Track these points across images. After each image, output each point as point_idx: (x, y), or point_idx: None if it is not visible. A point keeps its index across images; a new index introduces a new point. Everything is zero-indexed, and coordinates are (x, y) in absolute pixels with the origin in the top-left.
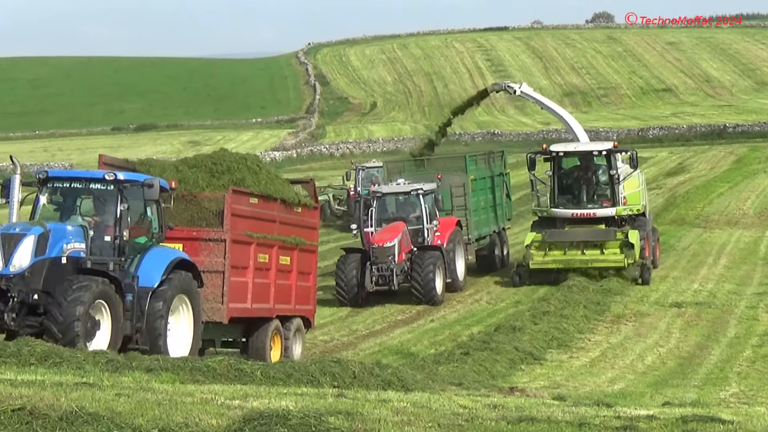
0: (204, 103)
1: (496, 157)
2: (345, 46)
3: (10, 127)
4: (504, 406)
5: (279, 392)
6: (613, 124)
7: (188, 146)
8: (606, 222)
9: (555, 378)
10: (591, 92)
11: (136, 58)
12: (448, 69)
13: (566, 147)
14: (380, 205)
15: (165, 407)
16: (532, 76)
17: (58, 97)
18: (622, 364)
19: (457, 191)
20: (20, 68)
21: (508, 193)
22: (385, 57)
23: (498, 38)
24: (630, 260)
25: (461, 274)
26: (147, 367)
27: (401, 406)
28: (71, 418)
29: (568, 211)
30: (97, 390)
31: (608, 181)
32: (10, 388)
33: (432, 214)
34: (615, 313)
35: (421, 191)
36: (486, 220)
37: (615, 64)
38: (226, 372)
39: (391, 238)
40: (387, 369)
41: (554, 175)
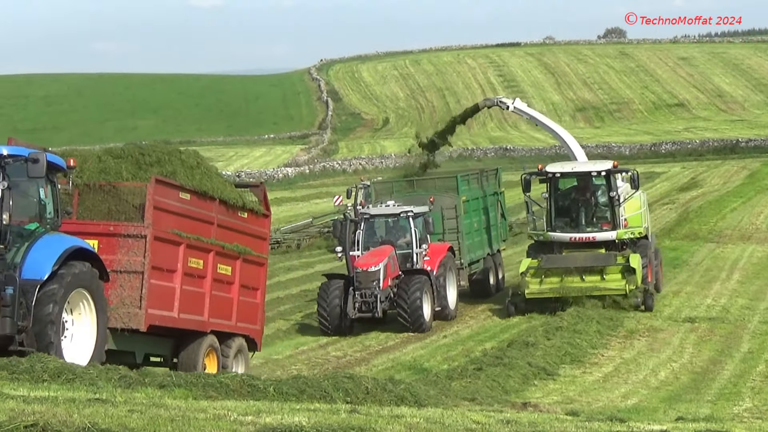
0: (216, 120)
1: (490, 175)
2: (357, 62)
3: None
4: (517, 422)
5: (292, 408)
6: (625, 139)
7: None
8: (606, 246)
9: (568, 393)
10: (603, 107)
11: (148, 75)
12: (461, 85)
13: (563, 167)
14: (368, 228)
15: (178, 423)
16: (544, 92)
17: (70, 113)
18: (635, 379)
19: (448, 213)
20: (33, 85)
21: (504, 213)
22: (397, 73)
23: (510, 54)
24: (632, 286)
25: (452, 302)
26: (160, 383)
27: (414, 422)
28: None
29: (566, 234)
30: (110, 406)
31: (608, 202)
32: (23, 404)
33: (422, 238)
34: (628, 328)
35: (411, 214)
36: (479, 243)
37: (627, 79)
38: (239, 388)
39: (377, 262)
40: (400, 384)
41: (551, 197)
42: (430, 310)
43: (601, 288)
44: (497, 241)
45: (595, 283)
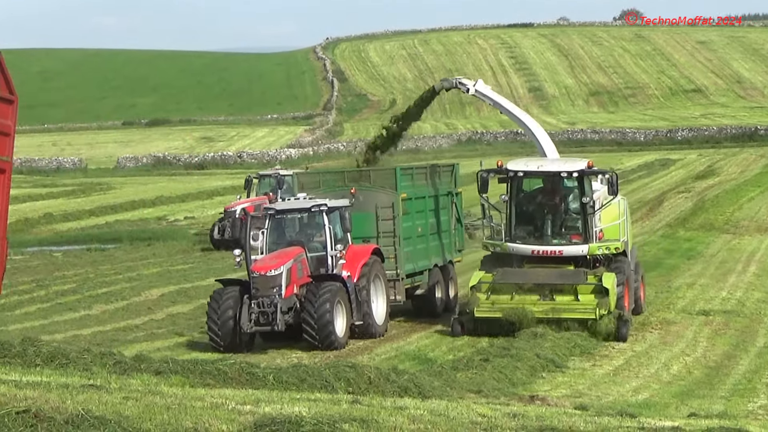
0: (218, 99)
1: (444, 172)
2: (364, 41)
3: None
4: (524, 415)
5: (292, 397)
6: (640, 125)
7: (201, 142)
8: (575, 262)
9: (577, 387)
10: (618, 92)
11: (148, 51)
12: (471, 66)
13: (527, 166)
14: (274, 227)
15: (174, 411)
16: (557, 75)
17: (67, 90)
18: (646, 373)
19: (384, 213)
20: (28, 60)
21: (460, 218)
22: (405, 53)
23: (522, 35)
24: (603, 310)
25: (380, 316)
26: (156, 369)
27: (418, 414)
28: (77, 422)
29: (528, 247)
30: (104, 393)
31: (580, 210)
32: (14, 389)
33: (339, 237)
34: (640, 320)
35: (324, 208)
36: (424, 251)
37: (643, 63)
38: (238, 376)
39: (278, 265)
40: (404, 375)
41: (511, 200)
42: (344, 324)
43: (566, 311)
44: (450, 251)
45: (557, 304)
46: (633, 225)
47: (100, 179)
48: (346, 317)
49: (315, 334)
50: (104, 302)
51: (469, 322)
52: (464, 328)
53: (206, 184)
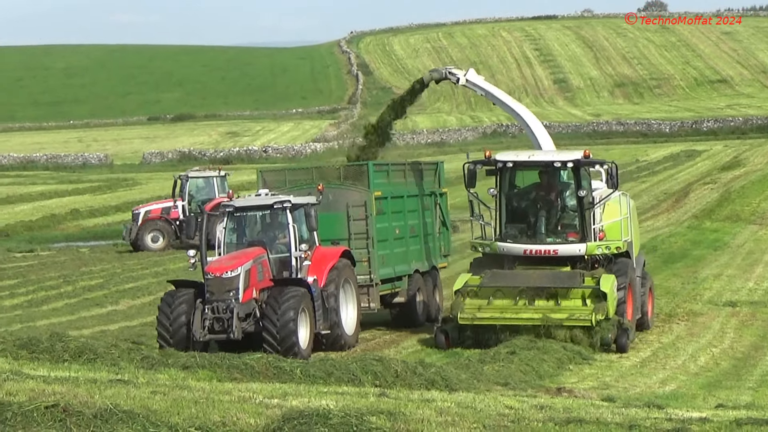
0: (242, 93)
1: (426, 170)
2: (388, 34)
3: (43, 117)
4: (551, 407)
5: (319, 391)
6: (665, 116)
7: (226, 137)
8: (572, 263)
9: (604, 378)
10: (643, 83)
11: (171, 47)
12: (495, 59)
13: (517, 156)
14: (235, 225)
15: (202, 406)
16: (582, 67)
17: (91, 86)
18: (673, 364)
19: (356, 213)
20: (53, 56)
21: (445, 220)
22: (429, 46)
23: (547, 27)
24: (600, 316)
25: (350, 326)
26: (183, 364)
27: (445, 407)
28: (106, 416)
29: (520, 246)
30: (132, 387)
31: (576, 205)
32: (43, 384)
33: (304, 237)
34: (666, 311)
35: (288, 204)
36: (402, 255)
37: (668, 54)
38: (265, 370)
39: (235, 266)
40: (430, 368)
41: (501, 195)
42: (308, 334)
43: (559, 316)
44: (435, 256)
45: (551, 310)
46: (658, 217)
47: (125, 175)
48: (310, 326)
49: (276, 344)
50: (131, 297)
51: (453, 330)
52: (449, 339)
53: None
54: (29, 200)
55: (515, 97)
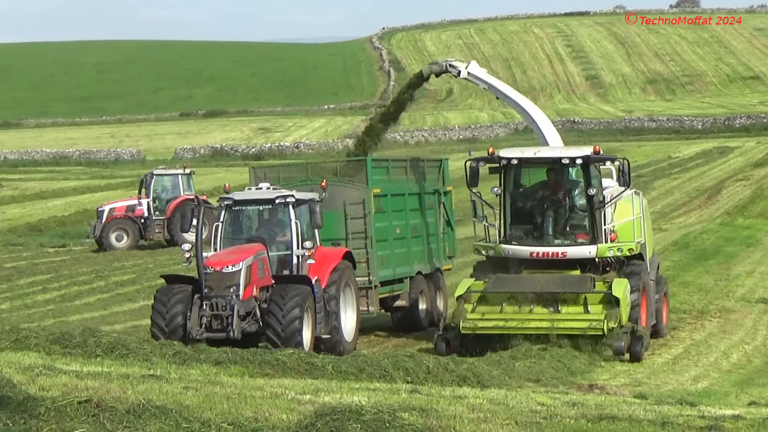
0: (274, 89)
1: (429, 167)
2: (420, 30)
3: (75, 112)
4: (583, 404)
5: (351, 387)
6: (698, 113)
7: (258, 133)
8: (582, 266)
9: (636, 375)
10: (675, 80)
11: (202, 42)
12: (527, 55)
13: (522, 152)
14: (232, 220)
15: (234, 401)
16: (614, 63)
17: (123, 82)
18: (706, 361)
19: (353, 211)
20: (85, 52)
21: (449, 220)
22: (461, 42)
23: (579, 23)
24: (612, 323)
25: (349, 330)
26: (215, 359)
27: (477, 403)
28: (138, 411)
29: (525, 248)
30: (164, 383)
31: (586, 205)
32: (75, 379)
33: (307, 234)
34: (699, 308)
35: (291, 200)
36: (404, 256)
37: (700, 50)
38: (297, 366)
39: (236, 261)
40: (462, 364)
41: (505, 194)
42: (311, 336)
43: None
44: (438, 257)
45: (559, 316)
46: (690, 213)
47: None
48: (312, 327)
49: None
50: None
51: (455, 339)
52: (450, 346)
53: None
54: (62, 195)
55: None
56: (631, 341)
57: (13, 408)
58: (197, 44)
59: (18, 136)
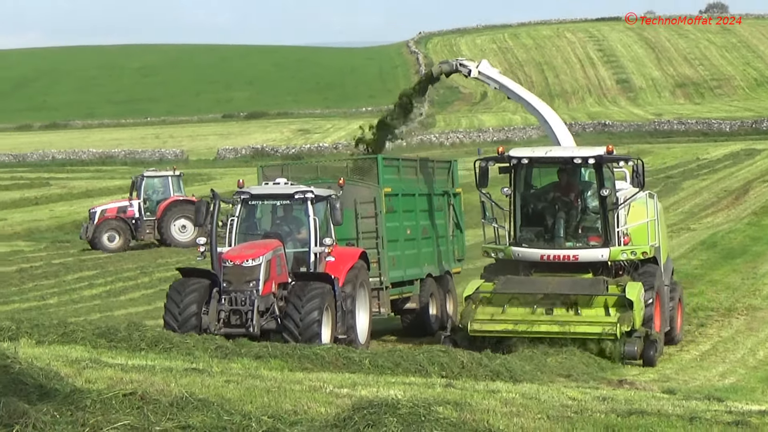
0: (312, 92)
1: (439, 168)
2: (456, 35)
3: (121, 114)
4: (613, 399)
5: (387, 381)
6: (726, 116)
7: (298, 134)
8: (594, 269)
9: (665, 371)
10: (704, 83)
11: (242, 46)
12: (560, 59)
13: (534, 152)
14: (247, 215)
15: (274, 394)
16: (644, 67)
17: (165, 85)
18: (733, 358)
19: (364, 210)
20: (127, 56)
21: (459, 222)
22: (495, 47)
23: (610, 29)
24: (626, 327)
25: (363, 332)
26: (256, 354)
27: (510, 397)
28: (181, 404)
29: (536, 251)
30: (206, 376)
31: (599, 207)
32: (121, 372)
33: (325, 232)
34: (726, 306)
35: (310, 195)
36: (414, 257)
37: (729, 55)
38: (335, 360)
39: (256, 255)
40: (495, 359)
41: (516, 195)
42: (330, 333)
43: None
44: (448, 260)
45: (571, 319)
46: (718, 213)
47: (200, 170)
48: (331, 328)
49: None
50: None
51: (463, 341)
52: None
53: None
54: (108, 194)
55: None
56: (645, 346)
57: (60, 400)
58: (237, 48)
59: (66, 136)
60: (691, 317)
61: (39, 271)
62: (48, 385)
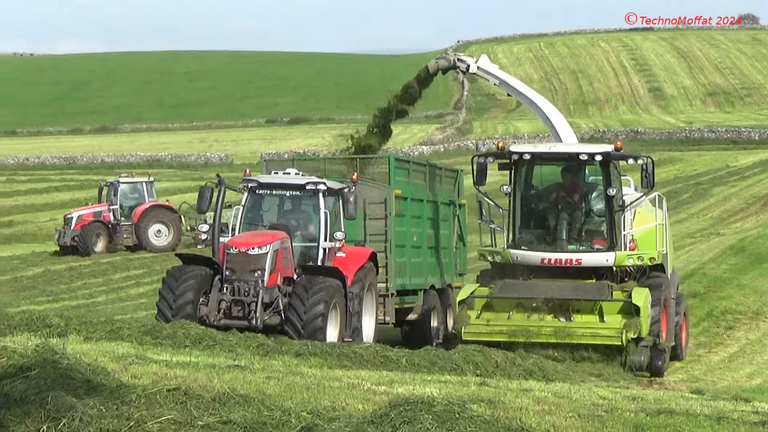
0: (354, 98)
1: (446, 177)
2: (493, 43)
3: (168, 118)
4: (643, 399)
5: (423, 379)
6: (755, 124)
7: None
8: (597, 275)
9: (693, 372)
10: (734, 92)
11: (286, 53)
12: (594, 68)
13: (536, 147)
14: (253, 205)
15: (313, 391)
16: (676, 76)
17: (211, 90)
18: (760, 360)
19: (373, 210)
20: (177, 62)
21: (462, 235)
22: (531, 55)
23: (643, 38)
24: (632, 334)
25: (369, 333)
26: (296, 352)
27: (542, 396)
28: (224, 399)
29: (536, 254)
30: (248, 373)
31: (604, 208)
32: (165, 368)
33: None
34: (754, 310)
35: (322, 187)
36: (418, 267)
37: (759, 64)
38: (372, 358)
39: (263, 243)
40: (528, 359)
41: (516, 193)
42: (337, 331)
43: (583, 333)
44: (450, 273)
45: (573, 326)
46: (747, 219)
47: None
48: (339, 327)
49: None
50: None
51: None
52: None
53: None
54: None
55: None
56: (652, 355)
57: (106, 394)
58: (281, 54)
59: (115, 140)
60: (719, 320)
61: (88, 270)
62: (95, 380)
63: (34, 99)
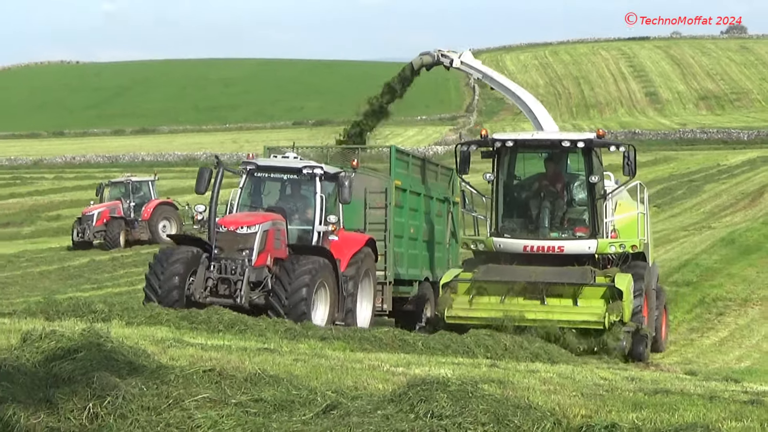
0: None
1: (441, 173)
2: (502, 52)
3: (203, 120)
4: (641, 379)
5: (438, 361)
6: (744, 126)
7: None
8: (579, 262)
9: (687, 355)
10: (724, 96)
11: (315, 61)
12: (595, 74)
13: (518, 135)
14: (252, 186)
15: (337, 372)
16: (671, 81)
17: (245, 94)
18: (748, 343)
19: (373, 200)
20: (212, 68)
21: (455, 232)
22: (537, 62)
23: (640, 47)
24: (615, 317)
25: (365, 318)
26: (321, 336)
27: (548, 377)
28: (255, 380)
29: (519, 242)
30: (277, 355)
31: (586, 197)
32: (201, 351)
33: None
34: (743, 297)
35: (319, 171)
36: (414, 258)
37: (747, 71)
38: (391, 342)
39: (252, 222)
40: (535, 343)
41: (499, 182)
42: (326, 314)
43: (565, 318)
44: (442, 268)
45: (556, 310)
46: (736, 214)
47: None
48: (329, 306)
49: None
50: None
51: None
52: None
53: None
54: (191, 192)
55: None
56: (634, 341)
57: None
58: (309, 62)
59: (154, 141)
60: (711, 307)
61: (129, 260)
62: (136, 361)
63: (80, 103)
